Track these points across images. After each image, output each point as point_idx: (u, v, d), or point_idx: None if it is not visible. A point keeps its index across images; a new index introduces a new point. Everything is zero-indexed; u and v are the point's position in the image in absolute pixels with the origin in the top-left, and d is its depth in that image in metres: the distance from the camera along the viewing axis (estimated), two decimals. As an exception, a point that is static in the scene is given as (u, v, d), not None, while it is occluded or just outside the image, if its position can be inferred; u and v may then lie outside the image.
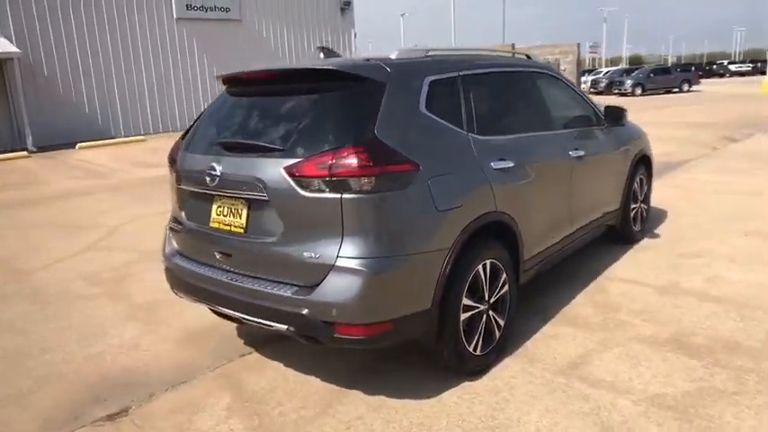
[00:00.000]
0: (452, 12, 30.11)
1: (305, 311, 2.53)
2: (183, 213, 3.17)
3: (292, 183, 2.52)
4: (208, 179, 2.82)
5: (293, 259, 2.58)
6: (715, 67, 57.10)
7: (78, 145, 16.62)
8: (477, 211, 2.85)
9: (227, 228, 2.86)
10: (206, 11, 20.73)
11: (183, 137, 3.35)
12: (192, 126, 3.36)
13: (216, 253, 2.91)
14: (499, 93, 3.51)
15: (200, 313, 4.08)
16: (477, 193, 2.89)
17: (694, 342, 3.25)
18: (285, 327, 2.62)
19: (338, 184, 2.45)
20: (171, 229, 3.32)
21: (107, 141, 17.62)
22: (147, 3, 19.41)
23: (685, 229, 5.44)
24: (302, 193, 2.51)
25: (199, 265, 3.04)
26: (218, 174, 2.78)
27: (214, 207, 2.94)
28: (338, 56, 3.47)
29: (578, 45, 23.08)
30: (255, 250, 2.74)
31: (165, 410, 2.92)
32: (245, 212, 2.78)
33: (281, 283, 2.65)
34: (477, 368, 3.00)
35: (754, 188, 7.05)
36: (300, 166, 2.51)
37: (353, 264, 2.47)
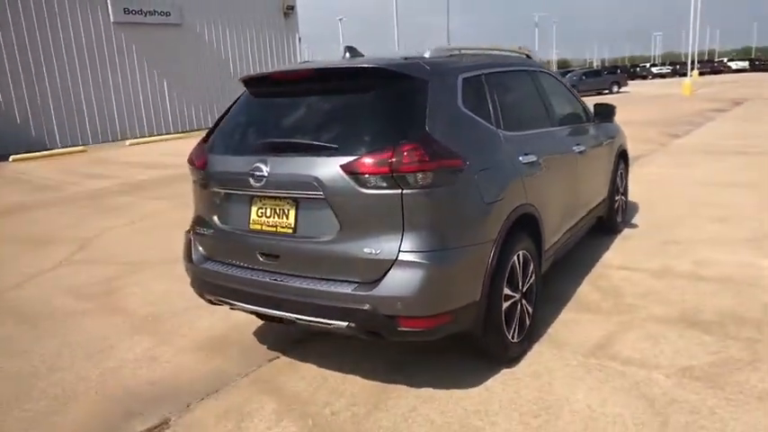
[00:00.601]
0: (395, 17, 30.48)
1: (367, 307, 2.56)
2: (214, 217, 3.11)
3: (351, 180, 2.56)
4: (252, 180, 2.80)
5: (351, 256, 2.61)
6: (638, 69, 60.61)
7: (12, 157, 15.63)
8: (513, 203, 2.97)
9: (272, 229, 2.84)
10: (145, 15, 20.02)
11: (205, 139, 3.29)
12: (214, 128, 3.31)
13: (258, 255, 2.89)
14: (515, 90, 3.66)
15: (211, 322, 4.01)
16: (513, 186, 3.02)
17: (702, 319, 3.51)
18: (345, 323, 2.63)
19: (398, 179, 2.50)
20: (196, 234, 3.25)
21: (44, 153, 16.65)
22: (80, 5, 18.50)
23: (659, 218, 5.81)
24: (361, 190, 2.55)
25: (236, 269, 3.00)
26: (266, 174, 2.76)
27: (254, 209, 2.92)
28: (362, 55, 3.50)
29: (527, 48, 23.97)
30: (308, 249, 2.74)
31: (210, 419, 2.86)
32: (292, 212, 2.78)
33: (338, 280, 2.67)
34: (514, 355, 3.12)
35: (709, 179, 7.61)
36: (358, 164, 2.55)
37: (416, 257, 2.53)
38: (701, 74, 49.62)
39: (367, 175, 2.53)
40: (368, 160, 2.53)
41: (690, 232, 5.26)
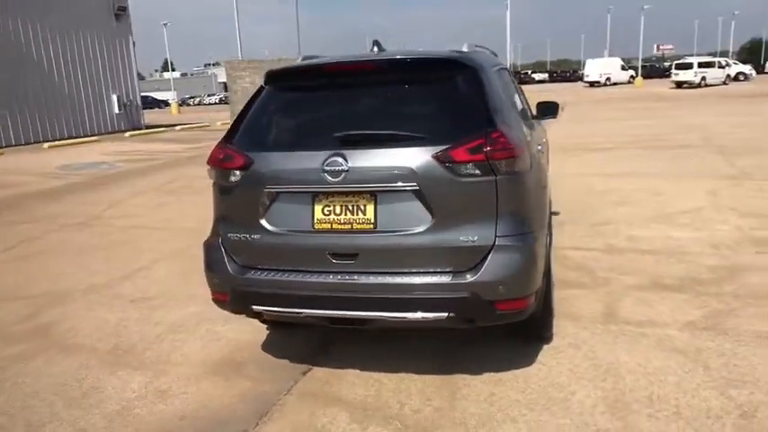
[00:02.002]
0: (236, 21, 29.50)
1: (468, 294, 2.58)
2: (262, 220, 2.85)
3: (446, 169, 2.56)
4: (328, 176, 2.65)
5: (446, 245, 2.60)
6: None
7: None
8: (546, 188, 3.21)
9: (346, 226, 2.70)
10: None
11: (228, 138, 2.99)
12: (238, 126, 3.02)
13: (329, 255, 2.73)
14: (506, 86, 3.91)
15: (201, 345, 3.68)
16: (543, 172, 3.25)
17: (668, 283, 4.10)
18: (446, 314, 2.61)
19: (493, 166, 2.57)
20: (230, 242, 2.94)
21: None
22: None
23: (573, 204, 6.55)
24: (457, 178, 2.56)
25: (298, 274, 2.79)
26: (346, 169, 2.63)
27: (318, 207, 2.74)
28: (384, 50, 3.45)
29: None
30: (395, 244, 2.65)
31: (287, 440, 2.63)
32: (370, 207, 2.67)
33: (431, 272, 2.64)
34: (550, 333, 3.34)
35: (586, 171, 8.75)
36: (454, 153, 2.56)
37: (512, 241, 2.62)
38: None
39: (463, 164, 2.56)
40: (463, 148, 2.56)
41: (607, 215, 6.04)
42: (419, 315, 2.64)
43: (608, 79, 48.92)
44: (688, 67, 36.41)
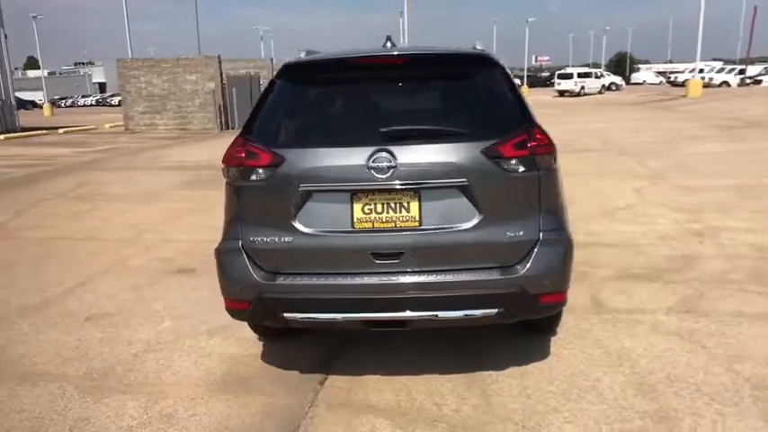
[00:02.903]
0: (126, 18, 27.47)
1: (516, 289, 2.59)
2: (294, 222, 2.67)
3: (494, 165, 2.56)
4: (374, 173, 2.55)
5: (493, 241, 2.60)
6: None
7: None
8: None
9: (389, 225, 2.61)
10: None
11: (246, 136, 2.77)
12: (253, 121, 2.82)
13: (371, 256, 2.62)
14: None
15: (192, 362, 3.43)
16: None
17: (637, 273, 4.41)
18: (495, 310, 2.60)
19: (536, 161, 2.61)
20: (253, 247, 2.72)
21: None
22: None
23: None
24: (505, 173, 2.58)
25: (335, 276, 2.65)
26: (394, 165, 2.54)
27: (358, 206, 2.62)
28: (396, 45, 3.36)
29: (272, 60, 24.25)
30: (442, 241, 2.60)
31: (336, 454, 2.48)
32: (414, 204, 2.60)
33: (478, 268, 2.62)
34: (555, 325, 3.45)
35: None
36: (500, 148, 2.56)
37: (554, 235, 2.68)
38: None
39: (509, 159, 2.57)
40: (509, 144, 2.57)
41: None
42: (468, 313, 2.61)
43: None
44: (569, 77, 39.63)
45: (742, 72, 40.08)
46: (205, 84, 19.66)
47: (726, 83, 39.11)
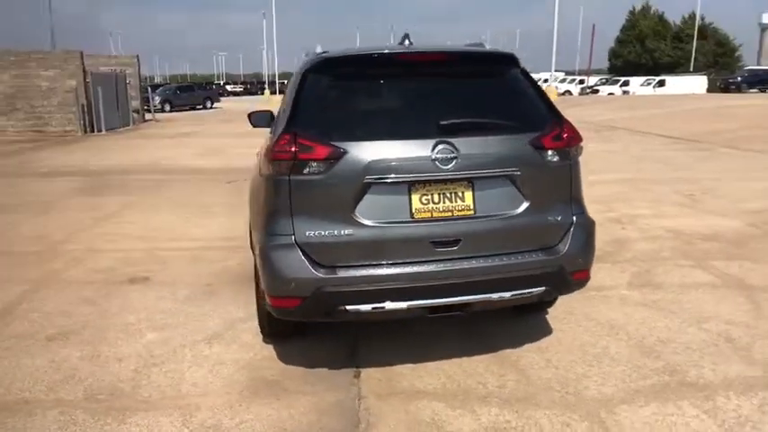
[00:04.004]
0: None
1: (558, 268, 2.85)
2: (353, 214, 2.68)
3: (538, 155, 2.81)
4: (438, 164, 2.67)
5: (538, 225, 2.84)
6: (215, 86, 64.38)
7: None
8: None
9: (446, 214, 2.74)
10: None
11: (294, 130, 2.71)
12: (295, 115, 2.78)
13: (431, 244, 2.72)
14: None
15: (207, 370, 3.29)
16: None
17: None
18: (543, 288, 2.85)
19: (569, 152, 2.91)
20: (307, 242, 2.69)
21: None
22: None
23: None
24: (546, 163, 2.83)
25: (395, 266, 2.72)
26: (456, 156, 2.67)
27: (416, 197, 2.71)
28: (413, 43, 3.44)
29: (138, 57, 22.47)
30: (494, 227, 2.78)
31: (413, 438, 2.55)
32: (468, 194, 2.75)
33: (527, 251, 2.84)
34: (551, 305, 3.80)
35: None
36: (543, 140, 2.82)
37: (583, 219, 3.00)
38: (273, 93, 56.66)
39: (549, 149, 2.84)
40: (549, 136, 2.83)
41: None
42: (519, 293, 2.83)
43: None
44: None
45: (582, 82, 45.55)
46: (65, 81, 17.64)
47: (568, 92, 44.15)
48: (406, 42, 3.25)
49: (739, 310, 3.76)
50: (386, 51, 3.05)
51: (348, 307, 2.71)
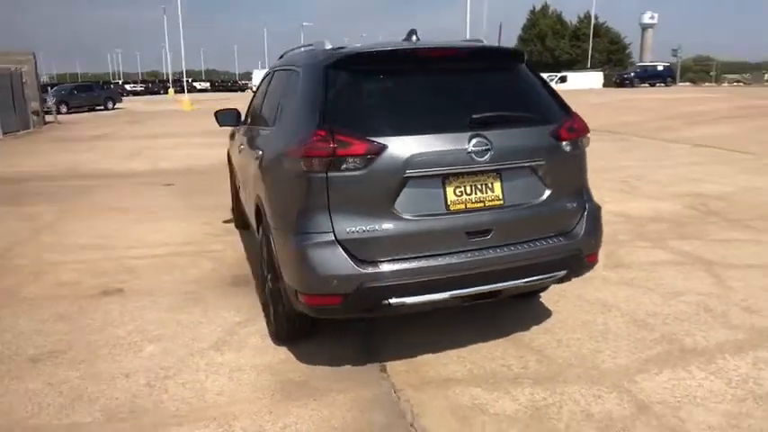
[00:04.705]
0: None
1: (576, 252, 3.04)
2: (395, 208, 2.71)
3: (558, 146, 2.98)
4: (475, 156, 2.76)
5: (559, 212, 3.02)
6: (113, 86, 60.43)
7: None
8: None
9: (479, 205, 2.83)
10: None
11: (326, 126, 2.69)
12: (325, 110, 2.77)
13: (465, 235, 2.81)
14: None
15: (228, 378, 3.18)
16: None
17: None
18: (564, 272, 3.02)
19: (581, 142, 3.10)
20: (348, 238, 2.69)
21: None
22: None
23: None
24: (563, 153, 3.01)
25: (437, 257, 2.78)
26: (490, 148, 2.77)
27: (450, 189, 2.79)
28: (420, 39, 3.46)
29: (34, 54, 20.62)
30: (521, 216, 2.91)
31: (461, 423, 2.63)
32: (497, 185, 2.87)
33: (549, 237, 2.99)
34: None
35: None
36: (561, 131, 2.99)
37: (593, 205, 3.21)
38: (177, 91, 54.16)
39: (566, 141, 3.01)
40: (565, 128, 3.01)
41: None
42: (544, 276, 3.00)
43: (275, 89, 52.02)
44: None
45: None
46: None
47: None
48: (414, 38, 3.30)
49: (705, 283, 4.18)
50: (410, 47, 3.09)
51: (392, 301, 2.74)
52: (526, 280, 2.96)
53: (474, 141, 2.78)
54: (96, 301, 4.22)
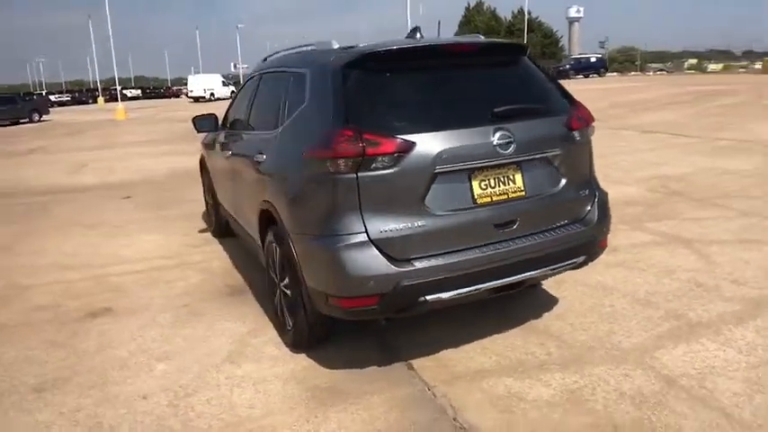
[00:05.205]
0: None
1: (592, 238, 3.14)
2: (426, 205, 2.72)
3: (571, 136, 3.08)
4: (500, 149, 2.80)
5: (573, 201, 3.11)
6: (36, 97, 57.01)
7: None
8: None
9: (503, 197, 2.88)
10: None
11: (351, 125, 2.66)
12: (348, 109, 2.74)
13: (493, 227, 2.85)
14: None
15: (254, 391, 3.14)
16: None
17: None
18: (582, 258, 3.12)
19: (588, 131, 3.20)
20: (382, 238, 2.67)
21: None
22: None
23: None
24: (575, 142, 3.10)
25: (467, 251, 2.79)
26: (513, 140, 2.82)
27: (476, 183, 2.82)
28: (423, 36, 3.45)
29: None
30: (542, 206, 2.98)
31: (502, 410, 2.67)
32: (518, 176, 2.92)
33: (568, 224, 3.08)
34: None
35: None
36: (572, 122, 3.08)
37: (601, 191, 3.32)
38: (107, 100, 51.87)
39: (576, 130, 3.11)
40: (575, 117, 3.10)
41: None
42: (566, 263, 3.08)
43: (212, 94, 50.78)
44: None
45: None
46: None
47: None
48: (418, 35, 3.31)
49: (690, 260, 4.41)
50: (426, 44, 3.11)
51: (428, 297, 2.74)
52: (551, 267, 3.04)
53: (498, 134, 2.82)
54: (85, 323, 3.99)
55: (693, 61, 63.32)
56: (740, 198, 6.16)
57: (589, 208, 3.22)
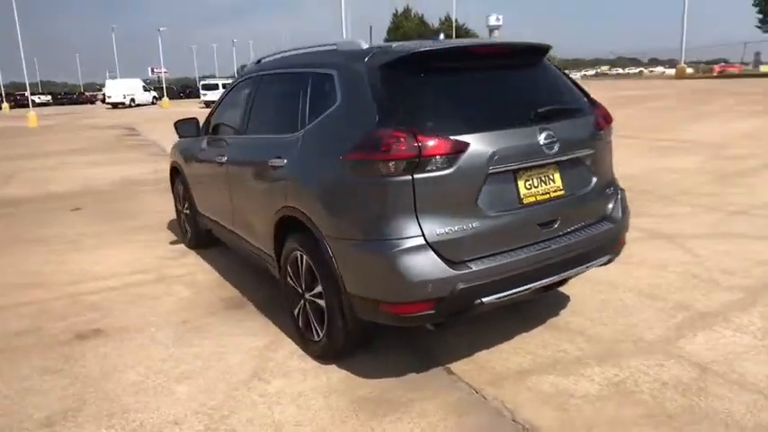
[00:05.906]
0: None
1: (617, 235, 3.24)
2: (479, 206, 2.70)
3: (599, 135, 3.17)
4: (546, 149, 2.84)
5: (602, 198, 3.21)
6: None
7: None
8: None
9: (545, 197, 2.91)
10: None
11: (402, 126, 2.60)
12: (394, 109, 2.69)
13: (537, 226, 2.88)
14: None
15: (296, 407, 3.05)
16: None
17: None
18: (608, 257, 3.21)
19: (610, 130, 3.31)
20: (441, 238, 2.64)
21: None
22: None
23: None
24: (601, 141, 3.20)
25: (516, 251, 2.80)
26: (557, 140, 2.87)
27: (521, 183, 2.84)
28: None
29: None
30: (578, 204, 3.05)
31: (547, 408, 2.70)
32: (557, 175, 2.97)
33: (598, 222, 3.16)
34: None
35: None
36: (599, 120, 3.18)
37: (621, 189, 3.43)
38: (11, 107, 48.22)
39: (602, 129, 3.21)
40: (600, 116, 3.21)
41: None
42: (599, 260, 3.17)
43: (132, 100, 48.40)
44: (215, 87, 40.09)
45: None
46: None
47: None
48: (441, 36, 3.32)
49: (678, 254, 4.67)
50: (465, 44, 3.12)
51: (484, 299, 2.72)
52: (587, 265, 3.11)
53: (544, 134, 2.86)
54: (75, 346, 3.66)
55: (605, 68, 67.57)
56: (698, 195, 6.61)
57: (614, 205, 3.33)
